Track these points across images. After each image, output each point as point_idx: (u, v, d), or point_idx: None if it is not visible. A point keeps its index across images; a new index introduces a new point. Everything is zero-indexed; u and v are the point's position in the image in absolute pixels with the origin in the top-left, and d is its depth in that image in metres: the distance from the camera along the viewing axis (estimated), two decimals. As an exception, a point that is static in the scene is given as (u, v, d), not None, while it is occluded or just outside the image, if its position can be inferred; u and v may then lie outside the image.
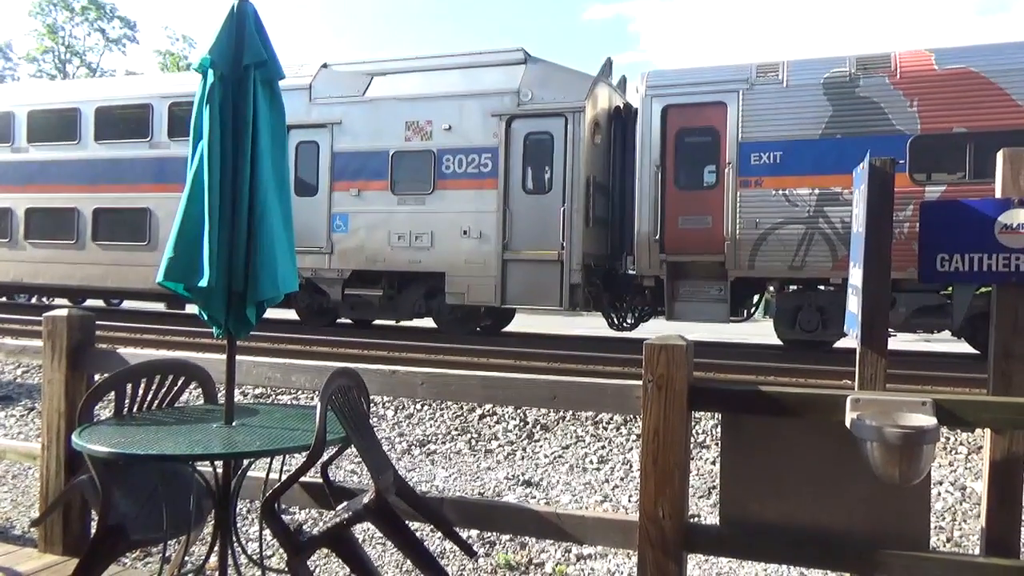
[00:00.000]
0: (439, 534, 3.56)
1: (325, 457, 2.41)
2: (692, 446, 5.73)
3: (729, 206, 10.54)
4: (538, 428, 6.44)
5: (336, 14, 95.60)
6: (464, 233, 11.76)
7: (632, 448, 5.87)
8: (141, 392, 2.79)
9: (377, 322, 13.79)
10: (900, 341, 14.96)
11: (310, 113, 12.56)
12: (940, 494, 4.99)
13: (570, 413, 6.53)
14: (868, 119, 9.92)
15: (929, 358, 11.00)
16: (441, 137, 11.89)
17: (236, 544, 2.59)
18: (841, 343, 10.38)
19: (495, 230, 11.58)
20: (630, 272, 11.60)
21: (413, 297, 12.43)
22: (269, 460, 2.87)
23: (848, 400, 2.32)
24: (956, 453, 5.66)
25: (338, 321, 13.39)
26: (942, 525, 4.63)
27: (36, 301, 19.68)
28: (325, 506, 2.88)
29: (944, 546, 4.38)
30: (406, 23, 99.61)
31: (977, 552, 2.77)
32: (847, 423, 2.28)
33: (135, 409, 2.76)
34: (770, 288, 11.11)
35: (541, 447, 6.11)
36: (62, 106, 14.65)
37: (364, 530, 4.14)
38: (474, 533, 4.23)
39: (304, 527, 4.24)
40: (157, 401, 2.86)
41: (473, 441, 6.27)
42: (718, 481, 2.66)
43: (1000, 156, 2.52)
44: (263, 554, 3.84)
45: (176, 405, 2.94)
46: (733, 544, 2.56)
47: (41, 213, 14.54)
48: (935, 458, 4.56)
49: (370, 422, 2.80)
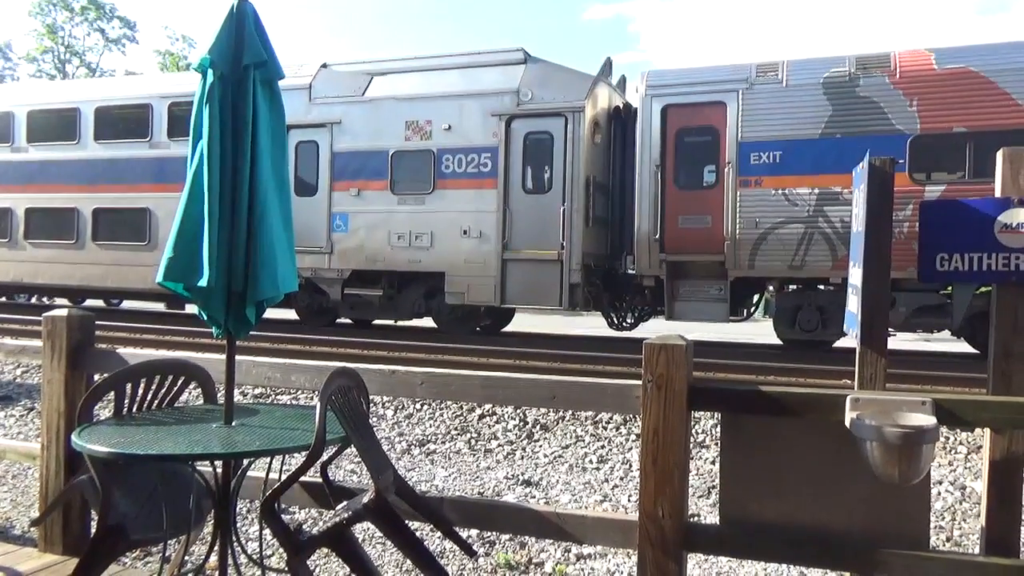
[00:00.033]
0: (439, 534, 3.55)
1: (325, 457, 2.41)
2: (692, 446, 5.73)
3: (729, 206, 10.54)
4: (538, 428, 6.44)
5: (336, 14, 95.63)
6: (464, 233, 11.75)
7: (632, 448, 5.87)
8: (141, 392, 2.80)
9: (377, 322, 13.79)
10: (900, 341, 14.96)
11: (310, 113, 12.56)
12: (940, 494, 4.99)
13: (570, 413, 6.53)
14: (868, 119, 9.92)
15: (929, 358, 11.00)
16: (441, 137, 11.89)
17: (236, 544, 2.59)
18: (841, 343, 10.38)
19: (495, 230, 11.57)
20: (630, 272, 11.60)
21: (413, 297, 12.43)
22: (269, 460, 2.87)
23: (848, 400, 2.32)
24: (956, 453, 5.66)
25: (338, 321, 13.39)
26: (942, 525, 4.63)
27: (36, 301, 19.67)
28: (325, 506, 2.88)
29: (944, 546, 4.38)
30: (406, 23, 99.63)
31: (977, 552, 2.77)
32: (847, 423, 2.28)
33: (135, 409, 2.77)
34: (770, 288, 11.11)
35: (541, 447, 6.11)
36: (62, 106, 14.65)
37: (364, 530, 4.15)
38: (474, 533, 4.23)
39: (304, 527, 4.23)
40: (157, 401, 2.86)
41: (473, 441, 6.27)
42: (718, 481, 2.66)
43: (1000, 155, 2.52)
44: (263, 554, 3.84)
45: (176, 405, 2.94)
46: (733, 544, 2.57)
47: (41, 213, 14.54)
48: (935, 458, 4.57)
49: (370, 422, 2.80)
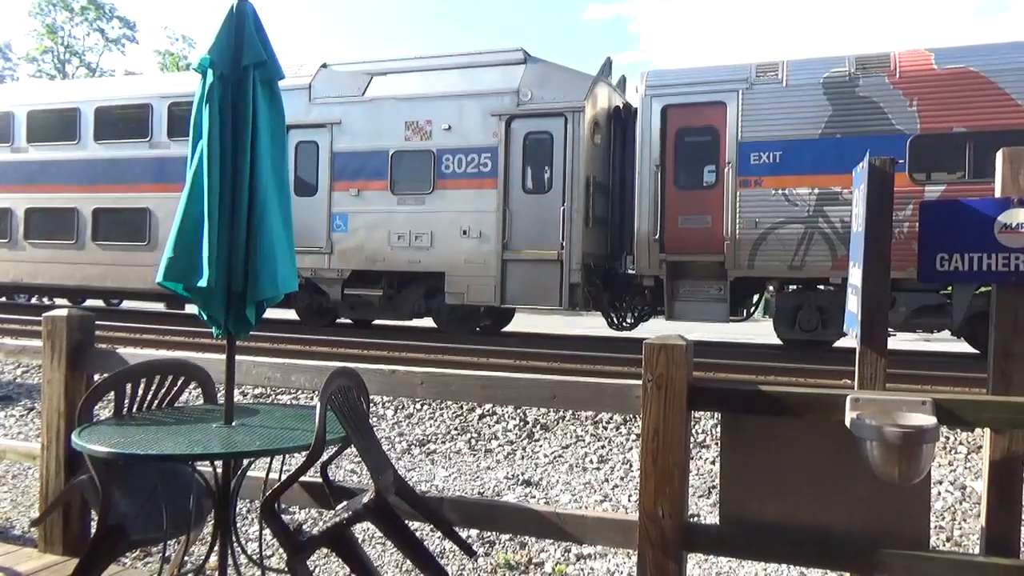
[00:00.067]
0: (439, 534, 3.55)
1: (325, 457, 2.41)
2: (692, 446, 5.73)
3: (729, 206, 10.54)
4: (538, 428, 6.44)
5: (336, 14, 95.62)
6: (464, 233, 11.75)
7: (632, 448, 5.87)
8: (141, 392, 2.80)
9: (377, 322, 13.79)
10: (900, 341, 14.96)
11: (310, 113, 12.56)
12: (940, 494, 4.99)
13: (570, 413, 6.53)
14: (867, 119, 9.93)
15: (929, 358, 11.00)
16: (441, 137, 11.89)
17: (236, 544, 2.59)
18: (841, 343, 10.38)
19: (495, 230, 11.57)
20: (630, 272, 11.61)
21: (413, 297, 12.42)
22: (269, 460, 2.87)
23: (848, 400, 2.32)
24: (956, 453, 5.66)
25: (338, 321, 13.39)
26: (942, 524, 4.63)
27: (36, 301, 19.67)
28: (325, 506, 2.88)
29: (944, 545, 4.38)
30: (406, 23, 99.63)
31: (977, 552, 2.76)
32: (847, 423, 2.28)
33: (135, 409, 2.76)
34: (770, 288, 11.11)
35: (541, 447, 6.11)
36: (62, 106, 14.65)
37: (364, 530, 4.14)
38: (474, 533, 4.23)
39: (304, 527, 4.23)
40: (157, 401, 2.86)
41: (473, 441, 6.27)
42: (718, 481, 2.66)
43: (1000, 155, 2.52)
44: (263, 554, 3.84)
45: (176, 405, 2.94)
46: (733, 544, 2.56)
47: (41, 213, 14.54)
48: (935, 458, 4.56)
49: (370, 422, 2.80)
